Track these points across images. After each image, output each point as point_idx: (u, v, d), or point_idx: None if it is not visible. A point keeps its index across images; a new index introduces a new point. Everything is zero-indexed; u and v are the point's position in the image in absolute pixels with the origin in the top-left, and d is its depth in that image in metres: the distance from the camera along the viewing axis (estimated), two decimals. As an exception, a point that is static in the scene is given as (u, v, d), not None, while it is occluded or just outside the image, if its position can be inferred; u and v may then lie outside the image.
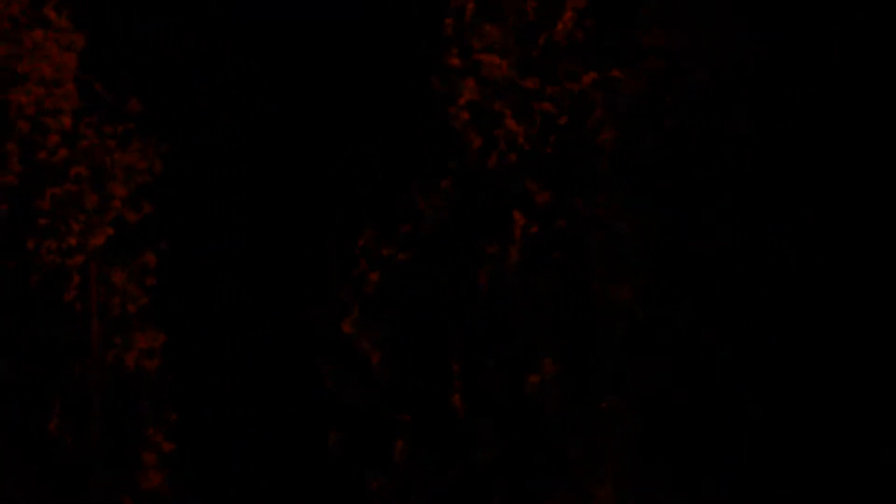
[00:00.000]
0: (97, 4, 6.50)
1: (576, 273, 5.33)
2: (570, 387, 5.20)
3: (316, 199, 6.40)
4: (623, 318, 5.16)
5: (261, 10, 6.68)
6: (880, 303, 5.17)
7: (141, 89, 6.67)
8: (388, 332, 5.65)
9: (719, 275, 5.17)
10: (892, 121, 5.30)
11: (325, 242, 6.17)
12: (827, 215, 5.23)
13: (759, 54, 5.36)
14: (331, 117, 6.49)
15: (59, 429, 6.20)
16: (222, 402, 6.40)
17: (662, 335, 5.05)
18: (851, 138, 5.31)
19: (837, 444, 5.01)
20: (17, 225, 6.20)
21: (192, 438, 6.31)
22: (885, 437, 5.01)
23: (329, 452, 5.80)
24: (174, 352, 6.40)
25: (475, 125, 5.72)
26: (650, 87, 5.50)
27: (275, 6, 6.63)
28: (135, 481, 6.25)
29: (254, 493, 6.13)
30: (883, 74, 5.34)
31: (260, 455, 6.17)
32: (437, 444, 5.38)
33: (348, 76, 6.49)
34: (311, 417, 5.99)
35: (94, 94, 6.57)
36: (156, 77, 6.79)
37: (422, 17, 6.07)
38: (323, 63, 6.59)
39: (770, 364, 5.02)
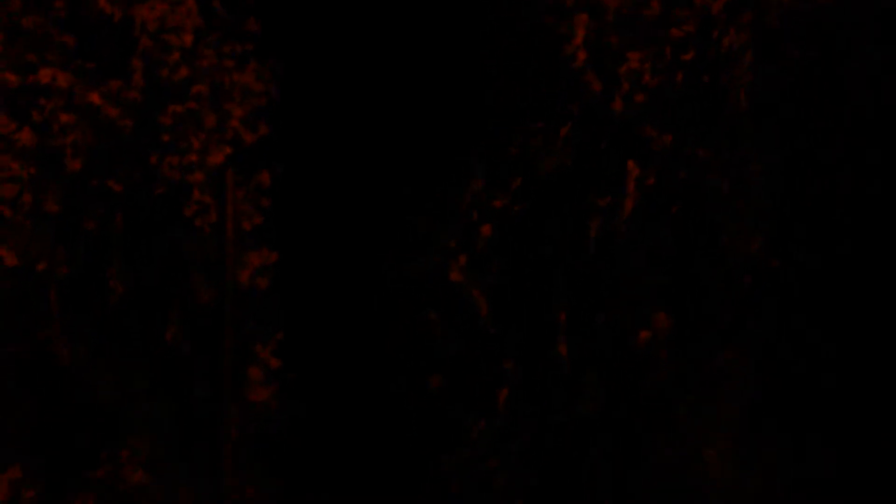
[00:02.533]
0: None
1: (696, 224, 5.25)
2: (680, 342, 5.24)
3: (419, 140, 6.38)
4: (751, 270, 5.03)
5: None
6: None
7: (259, 10, 6.68)
8: (496, 281, 5.71)
9: (852, 223, 4.97)
10: None
11: (433, 187, 6.18)
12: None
13: None
14: (437, 54, 6.40)
15: (175, 338, 6.50)
16: (327, 327, 6.62)
17: (792, 287, 4.90)
18: None
19: None
20: (141, 140, 6.36)
21: (298, 358, 6.56)
22: None
23: (429, 395, 5.93)
24: (284, 272, 6.59)
25: (594, 65, 5.52)
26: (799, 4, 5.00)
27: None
28: (242, 393, 6.56)
29: (354, 421, 6.37)
30: None
31: (361, 386, 6.39)
32: (541, 393, 5.51)
33: (460, 15, 6.37)
34: (413, 356, 6.15)
35: (213, 12, 6.61)
36: (274, -1, 6.78)
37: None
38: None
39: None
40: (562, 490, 5.26)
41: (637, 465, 5.14)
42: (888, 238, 5.05)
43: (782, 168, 5.16)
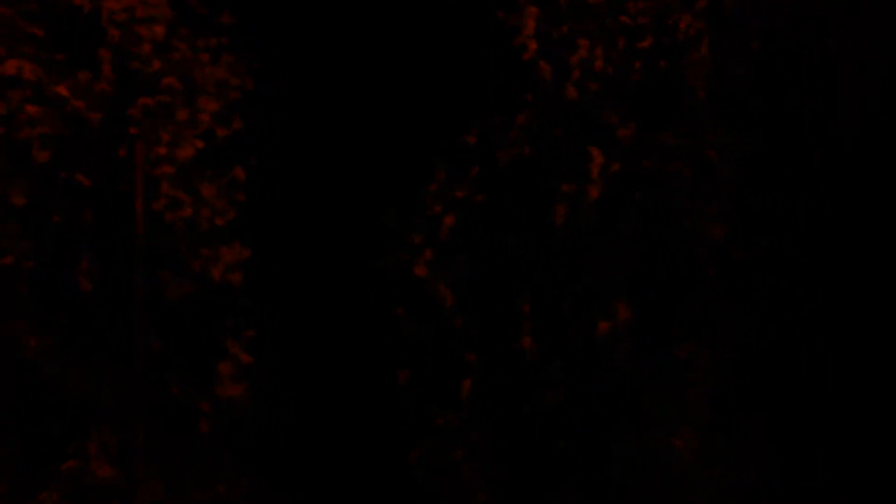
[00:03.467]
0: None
1: (660, 212, 5.18)
2: (645, 333, 5.15)
3: (385, 137, 6.33)
4: (714, 258, 4.97)
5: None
6: None
7: (234, 3, 6.63)
8: (460, 274, 5.65)
9: (815, 211, 4.93)
10: None
11: (395, 181, 6.13)
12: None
13: None
14: (400, 53, 6.36)
15: (144, 333, 6.45)
16: (299, 323, 6.56)
17: (755, 276, 4.84)
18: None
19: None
20: (110, 132, 6.31)
21: (270, 354, 6.50)
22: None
23: (397, 389, 5.88)
24: (257, 269, 6.54)
25: (545, 55, 5.48)
26: None
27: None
28: (213, 389, 6.50)
29: (324, 417, 6.31)
30: None
31: (330, 381, 6.32)
32: (504, 384, 5.45)
33: (417, 9, 6.33)
34: (380, 351, 6.10)
35: (186, 5, 6.56)
36: (248, -8, 6.73)
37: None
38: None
39: (871, 315, 4.78)
40: (528, 481, 5.18)
41: (603, 456, 5.06)
42: (854, 225, 4.97)
43: (745, 155, 5.09)
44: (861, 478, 4.81)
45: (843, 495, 4.80)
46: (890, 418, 4.93)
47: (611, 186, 5.12)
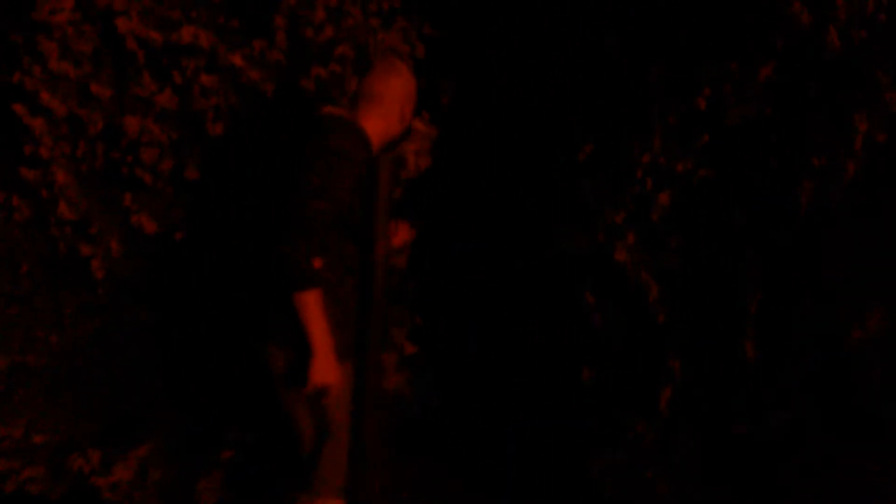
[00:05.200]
0: None
1: None
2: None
3: (582, 96, 5.52)
4: None
5: None
6: None
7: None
8: (671, 262, 4.91)
9: None
10: None
11: (594, 149, 5.37)
12: None
13: None
14: None
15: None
16: (469, 306, 6.06)
17: None
18: None
19: None
20: (284, 104, 6.02)
21: (433, 342, 6.05)
22: None
23: (579, 387, 5.22)
24: (423, 250, 6.06)
25: None
26: None
27: None
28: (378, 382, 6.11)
29: (493, 412, 5.79)
30: None
31: (503, 373, 5.78)
32: (716, 396, 4.71)
33: None
34: (562, 344, 5.47)
35: (359, -34, 6.16)
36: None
37: None
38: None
39: None
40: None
41: (838, 491, 4.27)
42: None
43: None
44: None
45: None
46: None
47: (873, 161, 4.24)
